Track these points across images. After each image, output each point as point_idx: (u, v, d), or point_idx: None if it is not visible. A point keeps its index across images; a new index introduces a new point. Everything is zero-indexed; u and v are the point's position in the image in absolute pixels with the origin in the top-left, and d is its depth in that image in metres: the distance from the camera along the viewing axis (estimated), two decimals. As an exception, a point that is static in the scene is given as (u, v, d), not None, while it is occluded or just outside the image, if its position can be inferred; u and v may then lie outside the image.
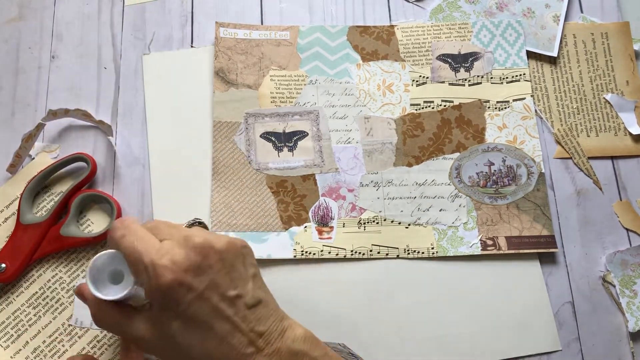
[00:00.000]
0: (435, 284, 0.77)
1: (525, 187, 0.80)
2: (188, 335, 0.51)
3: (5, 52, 0.86)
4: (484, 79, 0.84)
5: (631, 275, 0.77)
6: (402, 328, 0.75)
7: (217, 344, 0.50)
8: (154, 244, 0.52)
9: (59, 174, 0.80)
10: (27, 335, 0.74)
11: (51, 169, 0.78)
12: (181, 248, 0.51)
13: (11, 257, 0.75)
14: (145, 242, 0.52)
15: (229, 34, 0.85)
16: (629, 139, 0.83)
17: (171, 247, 0.51)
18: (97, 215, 0.79)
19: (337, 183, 0.80)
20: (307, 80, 0.84)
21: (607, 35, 0.88)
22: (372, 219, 0.78)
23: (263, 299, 0.54)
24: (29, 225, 0.75)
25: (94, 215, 0.78)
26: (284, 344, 0.52)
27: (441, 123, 0.82)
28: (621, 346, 0.75)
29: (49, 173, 0.78)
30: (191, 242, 0.51)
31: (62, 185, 0.79)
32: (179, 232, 0.53)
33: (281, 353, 0.52)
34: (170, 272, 0.49)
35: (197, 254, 0.51)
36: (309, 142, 0.81)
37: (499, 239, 0.77)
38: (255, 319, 0.52)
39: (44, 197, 0.79)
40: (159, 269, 0.49)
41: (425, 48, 0.86)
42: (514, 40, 0.86)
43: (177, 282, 0.49)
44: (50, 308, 0.75)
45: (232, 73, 0.83)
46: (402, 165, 0.81)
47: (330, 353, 0.55)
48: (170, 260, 0.50)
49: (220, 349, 0.50)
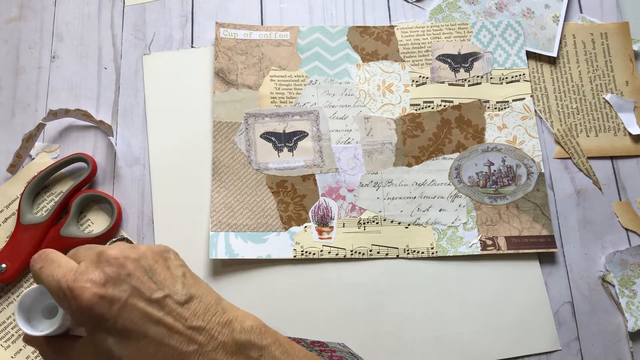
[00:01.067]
0: (435, 284, 0.77)
1: (525, 187, 0.80)
2: (125, 348, 0.49)
3: (5, 52, 0.86)
4: (484, 79, 0.85)
5: (630, 275, 0.77)
6: (402, 328, 0.75)
7: (156, 349, 0.49)
8: (71, 267, 0.51)
9: (59, 174, 0.80)
10: (27, 336, 0.74)
11: (51, 169, 0.78)
12: (96, 264, 0.50)
13: (11, 257, 0.75)
14: (63, 268, 0.51)
15: (229, 35, 0.85)
16: (628, 139, 0.84)
17: (85, 267, 0.50)
18: (98, 216, 0.79)
19: (337, 183, 0.80)
20: (307, 80, 0.84)
21: (606, 36, 0.88)
22: (372, 219, 0.78)
23: (196, 294, 0.52)
24: (29, 226, 0.76)
25: (94, 216, 0.79)
26: (229, 337, 0.50)
27: (441, 123, 0.83)
28: (620, 346, 0.76)
29: (49, 173, 0.78)
30: (104, 256, 0.50)
31: (62, 186, 0.79)
32: (94, 251, 0.52)
33: (227, 346, 0.50)
34: (87, 290, 0.48)
35: (112, 266, 0.50)
36: (309, 142, 0.81)
37: (499, 239, 0.78)
38: (191, 315, 0.50)
39: (44, 198, 0.79)
40: (76, 290, 0.48)
41: (425, 48, 0.86)
42: (513, 41, 0.86)
43: (97, 297, 0.48)
44: (50, 308, 0.75)
45: (232, 73, 0.83)
46: (402, 166, 0.81)
47: (281, 339, 0.52)
48: (86, 279, 0.49)
49: (161, 353, 0.49)
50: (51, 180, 0.80)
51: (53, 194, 0.79)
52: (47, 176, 0.78)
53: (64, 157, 0.79)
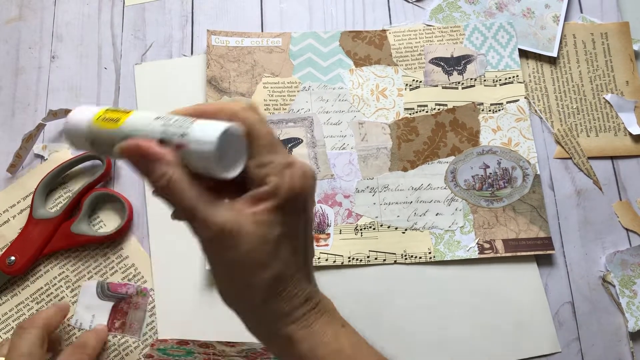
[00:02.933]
0: (434, 289, 0.76)
1: (521, 189, 0.79)
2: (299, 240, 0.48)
3: (5, 52, 0.87)
4: (477, 82, 0.84)
5: (631, 275, 0.77)
6: (402, 332, 0.75)
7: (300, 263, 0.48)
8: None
9: (75, 171, 0.80)
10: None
11: (66, 166, 0.79)
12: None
13: (21, 250, 0.75)
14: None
15: (220, 42, 0.85)
16: (628, 139, 0.83)
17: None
18: (109, 215, 0.79)
19: (333, 189, 0.80)
20: (301, 86, 0.84)
21: (607, 36, 0.87)
22: (369, 224, 0.78)
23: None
24: (41, 220, 0.76)
25: (105, 215, 0.79)
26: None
27: (435, 127, 0.82)
28: (621, 346, 0.75)
29: (64, 169, 0.79)
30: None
31: (77, 183, 0.80)
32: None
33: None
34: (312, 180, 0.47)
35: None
36: (303, 149, 0.81)
37: (496, 242, 0.77)
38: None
39: (60, 194, 0.80)
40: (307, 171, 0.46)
41: (418, 52, 0.86)
42: (506, 42, 0.86)
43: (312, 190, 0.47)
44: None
45: (225, 81, 0.83)
46: (398, 170, 0.80)
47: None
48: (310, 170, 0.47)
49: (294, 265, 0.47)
50: (66, 177, 0.80)
51: (68, 191, 0.80)
52: (61, 172, 0.79)
53: (79, 154, 0.79)
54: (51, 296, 0.76)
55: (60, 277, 0.76)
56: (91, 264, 0.77)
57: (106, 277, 0.76)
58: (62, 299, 0.75)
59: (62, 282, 0.76)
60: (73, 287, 0.76)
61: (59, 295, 0.76)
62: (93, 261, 0.77)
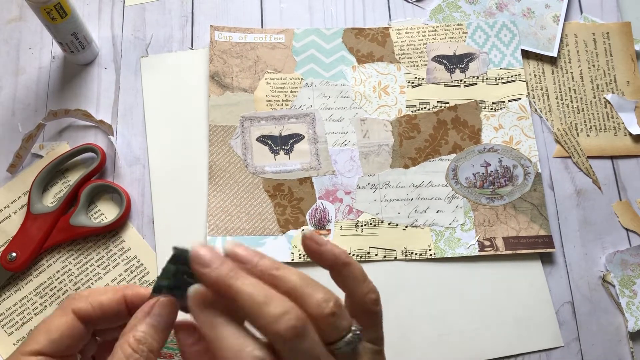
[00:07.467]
0: (435, 285, 0.76)
1: (522, 188, 0.79)
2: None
3: (5, 52, 0.87)
4: (480, 80, 0.84)
5: (631, 275, 0.77)
6: (404, 327, 0.75)
7: None
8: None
9: (70, 164, 0.80)
10: (32, 324, 0.75)
11: (61, 159, 0.79)
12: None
13: (21, 246, 0.75)
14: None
15: (223, 38, 0.85)
16: (628, 139, 0.83)
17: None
18: (107, 205, 0.79)
19: (334, 186, 0.80)
20: (303, 83, 0.84)
21: (608, 35, 0.87)
22: (370, 221, 0.78)
23: None
24: (39, 215, 0.76)
25: (104, 205, 0.79)
26: None
27: (437, 124, 0.82)
28: (621, 346, 0.75)
29: (59, 163, 0.79)
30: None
31: (73, 176, 0.80)
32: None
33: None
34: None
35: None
36: (305, 145, 0.81)
37: (497, 240, 0.77)
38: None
39: (56, 187, 0.80)
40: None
41: (421, 49, 0.86)
42: (508, 41, 0.86)
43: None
44: (56, 299, 0.76)
45: (228, 77, 0.83)
46: (399, 167, 0.80)
47: None
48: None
49: None
50: (62, 171, 0.80)
51: (65, 183, 0.80)
52: (57, 166, 0.79)
53: (74, 148, 0.79)
54: (55, 290, 0.76)
55: (63, 271, 0.76)
56: (93, 257, 0.77)
57: (108, 270, 0.76)
58: (65, 292, 0.75)
59: (65, 275, 0.76)
60: (76, 281, 0.76)
61: (63, 289, 0.76)
62: (95, 254, 0.77)
